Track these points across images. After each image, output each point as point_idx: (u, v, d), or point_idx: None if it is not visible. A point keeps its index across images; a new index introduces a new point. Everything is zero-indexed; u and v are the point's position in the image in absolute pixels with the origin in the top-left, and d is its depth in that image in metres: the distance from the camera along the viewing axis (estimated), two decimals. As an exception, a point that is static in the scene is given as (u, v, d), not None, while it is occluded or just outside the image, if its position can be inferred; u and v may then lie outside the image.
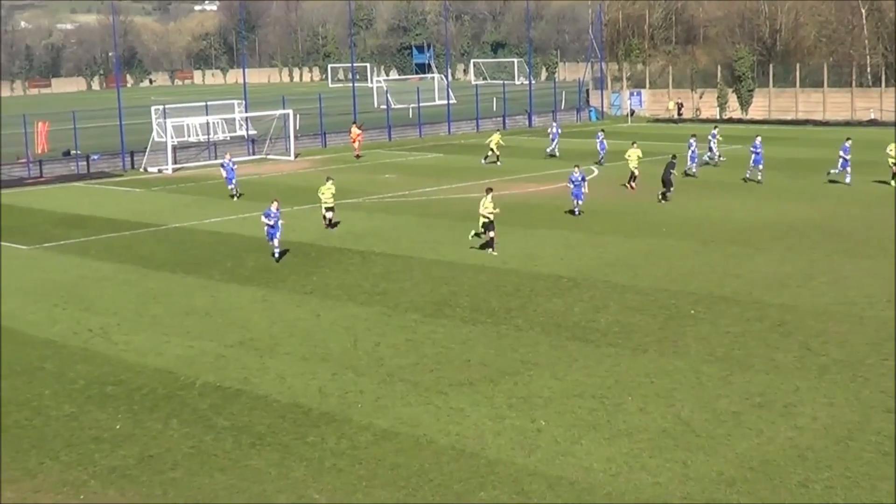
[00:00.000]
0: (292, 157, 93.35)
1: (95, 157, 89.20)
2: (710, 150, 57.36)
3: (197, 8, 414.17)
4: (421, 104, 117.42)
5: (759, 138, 57.45)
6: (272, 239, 49.25)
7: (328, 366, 32.69)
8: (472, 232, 43.91)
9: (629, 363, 32.31)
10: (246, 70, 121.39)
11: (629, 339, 34.94)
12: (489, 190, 42.85)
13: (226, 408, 29.29)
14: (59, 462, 25.60)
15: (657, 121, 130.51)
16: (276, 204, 49.65)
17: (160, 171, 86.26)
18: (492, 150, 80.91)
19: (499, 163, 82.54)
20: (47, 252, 53.19)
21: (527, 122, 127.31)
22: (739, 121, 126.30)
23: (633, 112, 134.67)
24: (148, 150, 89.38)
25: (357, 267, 46.70)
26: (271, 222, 48.87)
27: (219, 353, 34.42)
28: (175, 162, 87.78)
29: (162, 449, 26.40)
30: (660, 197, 61.25)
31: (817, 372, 31.04)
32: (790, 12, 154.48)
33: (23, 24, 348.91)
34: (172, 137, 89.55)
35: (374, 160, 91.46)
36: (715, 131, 59.06)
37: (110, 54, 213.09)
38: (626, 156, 69.06)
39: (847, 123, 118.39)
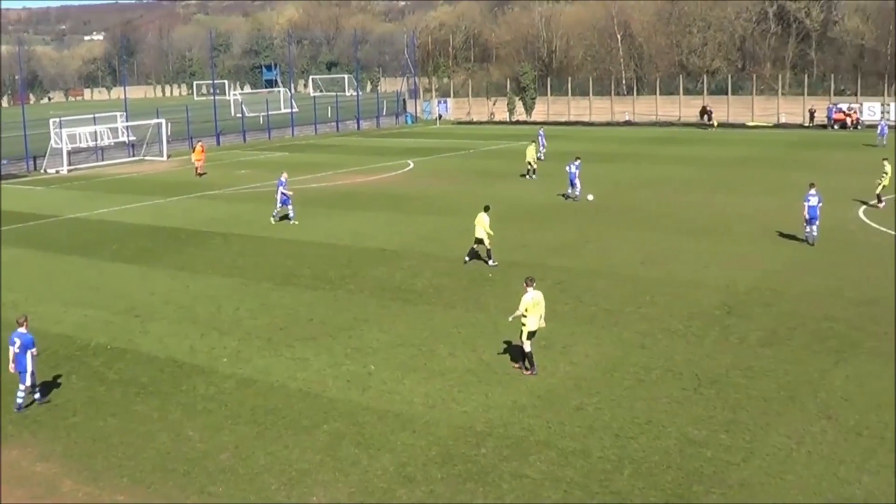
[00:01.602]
0: (165, 158, 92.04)
1: (5, 161, 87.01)
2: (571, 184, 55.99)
3: (87, 38, 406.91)
4: (269, 113, 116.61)
5: (578, 161, 56.10)
6: (286, 204, 51.23)
7: (197, 328, 32.35)
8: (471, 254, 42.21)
9: (441, 317, 32.52)
10: (126, 87, 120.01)
11: (441, 298, 35.14)
12: (487, 208, 41.28)
13: (115, 364, 28.85)
14: (-23, 411, 25.09)
15: (460, 123, 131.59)
16: (285, 175, 51.85)
17: (57, 171, 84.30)
18: (529, 163, 69.08)
19: (533, 176, 68.41)
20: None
21: (356, 126, 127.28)
22: (525, 122, 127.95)
23: (440, 116, 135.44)
24: (47, 154, 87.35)
25: (219, 246, 46.21)
26: (288, 192, 50.65)
27: (108, 319, 33.82)
28: (70, 164, 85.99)
29: (64, 399, 25.96)
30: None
31: (588, 319, 31.62)
32: (563, 37, 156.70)
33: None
34: (67, 144, 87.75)
35: (232, 159, 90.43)
36: (577, 162, 55.70)
37: (16, 77, 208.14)
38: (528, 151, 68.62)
39: (608, 124, 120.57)
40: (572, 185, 55.75)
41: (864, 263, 38.76)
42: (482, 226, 39.82)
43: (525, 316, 26.23)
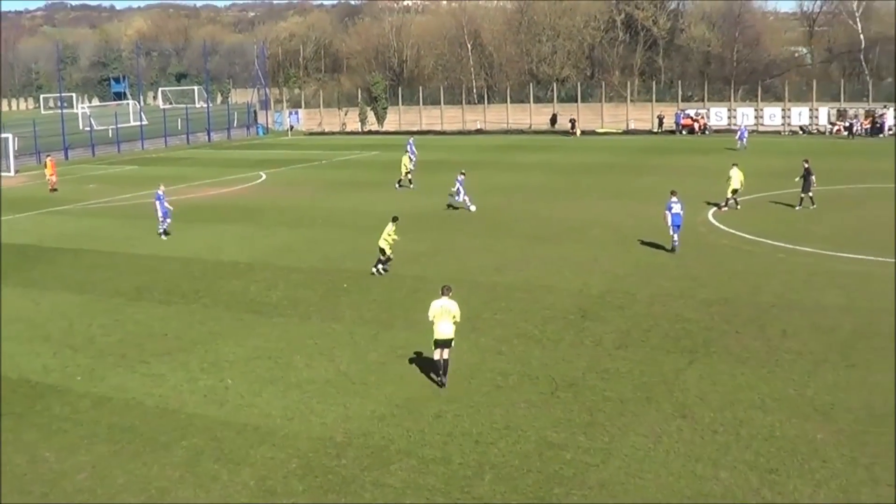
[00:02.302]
0: (12, 173, 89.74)
1: None
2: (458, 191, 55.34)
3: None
4: (118, 126, 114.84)
5: (462, 175, 55.87)
6: (166, 217, 50.24)
7: (49, 346, 31.57)
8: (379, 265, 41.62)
9: (297, 329, 32.28)
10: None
11: (296, 309, 34.90)
12: (395, 219, 40.66)
13: (-38, 385, 28.05)
14: None
15: (312, 134, 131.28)
16: (162, 188, 51.11)
17: None
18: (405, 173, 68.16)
19: (411, 186, 67.31)
20: None
21: (207, 138, 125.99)
22: (377, 132, 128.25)
23: (292, 128, 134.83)
24: None
25: (70, 262, 45.24)
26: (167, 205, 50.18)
27: (-47, 339, 32.89)
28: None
29: None
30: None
31: (445, 327, 31.69)
32: (414, 47, 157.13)
33: None
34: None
35: (81, 173, 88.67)
36: (461, 177, 55.22)
37: None
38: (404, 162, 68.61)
39: (459, 132, 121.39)
40: (458, 193, 55.66)
41: (714, 265, 39.62)
42: (387, 235, 39.73)
43: (433, 323, 26.04)
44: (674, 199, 42.45)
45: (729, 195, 53.19)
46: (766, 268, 39.09)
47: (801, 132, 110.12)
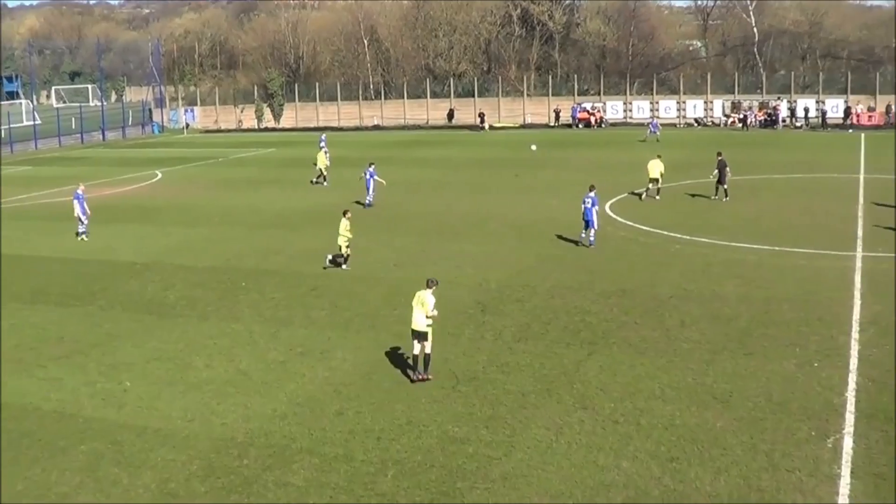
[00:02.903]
0: None
1: None
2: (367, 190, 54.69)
3: None
4: (11, 126, 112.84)
5: (372, 166, 55.48)
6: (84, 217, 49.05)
7: (-60, 350, 30.93)
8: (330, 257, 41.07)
9: (195, 329, 31.94)
10: None
11: (194, 309, 34.53)
12: (346, 212, 40.17)
13: None
14: None
15: (208, 132, 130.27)
16: (82, 187, 50.16)
17: None
18: (320, 169, 67.00)
19: (325, 183, 66.52)
20: None
21: (101, 137, 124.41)
22: (274, 129, 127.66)
23: (188, 125, 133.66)
24: None
25: (-39, 265, 44.37)
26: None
27: None
28: None
29: None
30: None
31: (344, 324, 31.57)
32: (310, 43, 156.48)
33: None
34: None
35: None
36: (371, 168, 54.73)
37: None
38: (319, 158, 68.00)
39: (357, 128, 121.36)
40: (368, 189, 55.31)
41: (612, 257, 39.99)
42: (342, 230, 39.46)
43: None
44: (591, 193, 42.48)
45: (650, 185, 54.66)
46: (663, 259, 39.56)
47: (696, 124, 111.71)
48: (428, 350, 25.94)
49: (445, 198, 58.20)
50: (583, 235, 42.51)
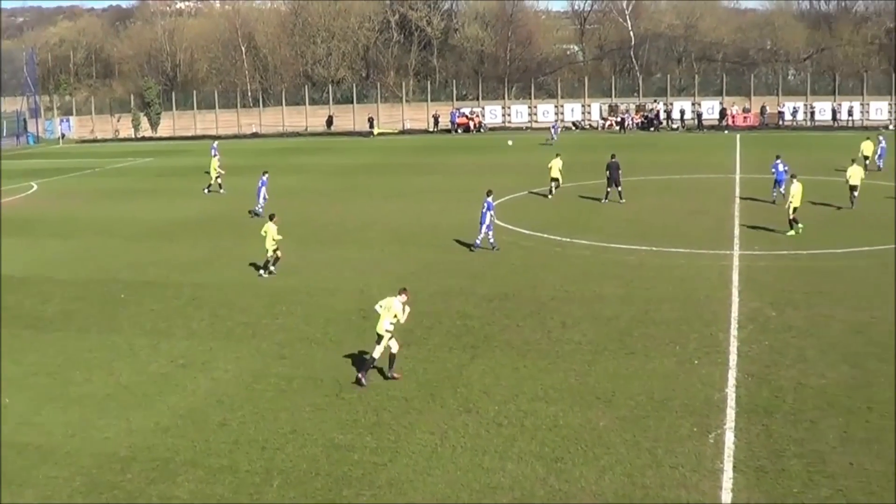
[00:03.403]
0: None
1: None
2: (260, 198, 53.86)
3: None
4: None
5: (266, 175, 54.71)
6: None
7: None
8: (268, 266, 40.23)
9: (75, 343, 31.38)
10: None
11: (73, 322, 33.93)
12: (272, 216, 39.38)
13: None
14: None
15: (84, 142, 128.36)
16: None
17: None
18: (214, 177, 66.29)
19: (221, 191, 65.52)
20: None
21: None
22: (151, 138, 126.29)
23: (63, 136, 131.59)
24: None
25: None
26: None
27: None
28: None
29: None
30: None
31: (225, 334, 31.30)
32: (187, 51, 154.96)
33: None
34: None
35: None
36: (265, 177, 54.16)
37: None
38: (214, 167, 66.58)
39: (235, 136, 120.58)
40: (258, 197, 54.70)
41: (493, 261, 40.22)
42: (270, 235, 39.03)
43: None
44: (489, 198, 42.66)
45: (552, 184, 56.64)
46: (544, 261, 39.92)
47: (574, 128, 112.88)
48: (394, 350, 26.25)
49: (326, 205, 58.01)
50: (478, 241, 42.86)
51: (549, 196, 56.35)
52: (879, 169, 64.33)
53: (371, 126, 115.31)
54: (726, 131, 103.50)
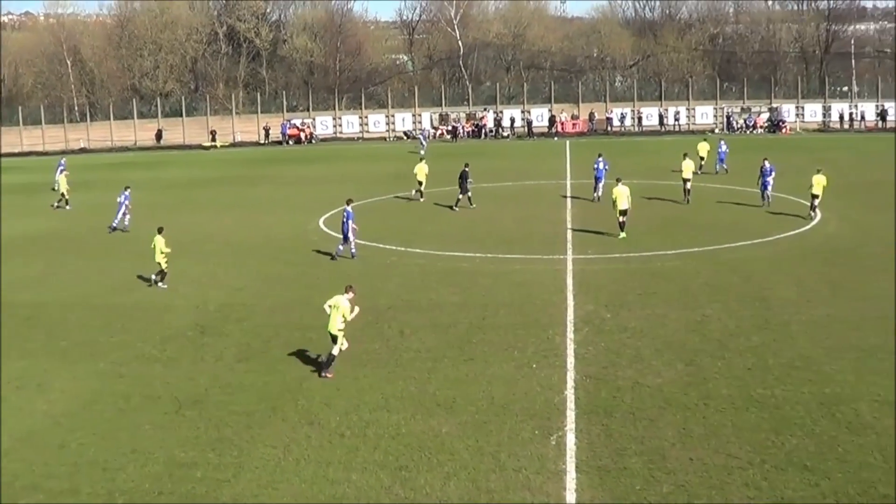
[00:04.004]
0: None
1: None
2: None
3: None
4: None
5: (127, 189, 53.50)
6: None
7: None
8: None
9: None
10: None
11: None
12: (160, 229, 38.28)
13: None
14: None
15: None
16: None
17: None
18: (62, 193, 65.10)
19: (67, 206, 64.48)
20: None
21: None
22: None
23: None
24: None
25: None
26: None
27: None
28: None
29: None
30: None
31: (61, 354, 30.57)
32: (11, 65, 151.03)
33: None
34: None
35: None
36: (127, 192, 53.17)
37: None
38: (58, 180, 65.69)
39: (63, 152, 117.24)
40: (117, 214, 53.52)
41: (331, 272, 40.25)
42: (158, 248, 38.57)
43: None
44: (347, 208, 43.02)
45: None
46: (381, 271, 40.06)
47: (405, 137, 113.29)
48: (334, 352, 26.76)
49: (160, 219, 56.70)
50: (340, 248, 43.12)
51: (421, 199, 59.06)
52: (726, 172, 65.90)
53: (213, 138, 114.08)
54: (556, 138, 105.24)
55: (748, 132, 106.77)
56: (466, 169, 56.26)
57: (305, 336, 30.89)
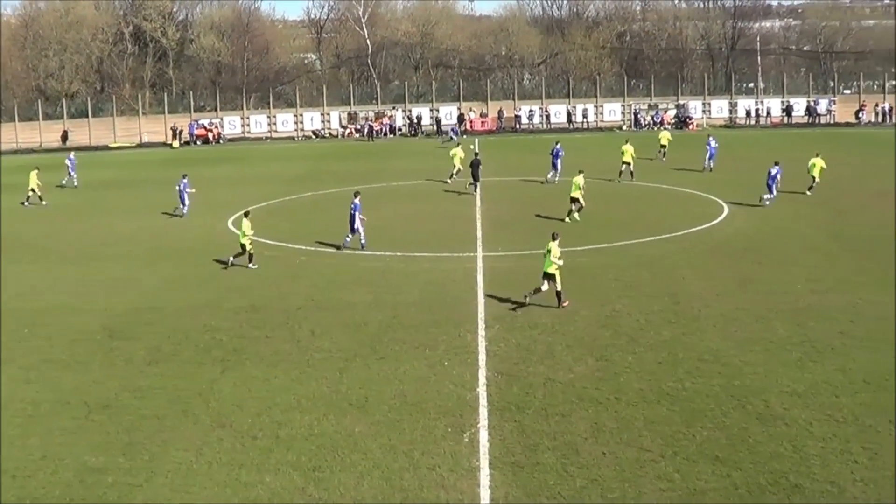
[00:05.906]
0: None
1: None
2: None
3: None
4: None
5: (185, 178, 53.14)
6: None
7: None
8: None
9: None
10: None
11: None
12: (247, 213, 39.23)
13: None
14: None
15: None
16: None
17: None
18: (33, 189, 64.27)
19: (43, 202, 64.11)
20: None
21: None
22: None
23: None
24: None
25: None
26: None
27: None
28: None
29: None
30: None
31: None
32: None
33: None
34: None
35: None
36: (185, 180, 53.03)
37: None
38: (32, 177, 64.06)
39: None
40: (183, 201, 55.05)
41: (241, 273, 39.89)
42: (244, 230, 39.92)
43: None
44: (355, 200, 43.44)
45: None
46: (291, 271, 39.88)
47: (314, 137, 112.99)
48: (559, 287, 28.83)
49: (68, 222, 56.33)
50: (347, 240, 43.75)
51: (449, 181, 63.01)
52: (711, 170, 65.86)
53: (176, 136, 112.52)
54: (465, 136, 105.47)
55: (655, 128, 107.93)
56: (478, 158, 61.02)
57: (215, 338, 30.65)
